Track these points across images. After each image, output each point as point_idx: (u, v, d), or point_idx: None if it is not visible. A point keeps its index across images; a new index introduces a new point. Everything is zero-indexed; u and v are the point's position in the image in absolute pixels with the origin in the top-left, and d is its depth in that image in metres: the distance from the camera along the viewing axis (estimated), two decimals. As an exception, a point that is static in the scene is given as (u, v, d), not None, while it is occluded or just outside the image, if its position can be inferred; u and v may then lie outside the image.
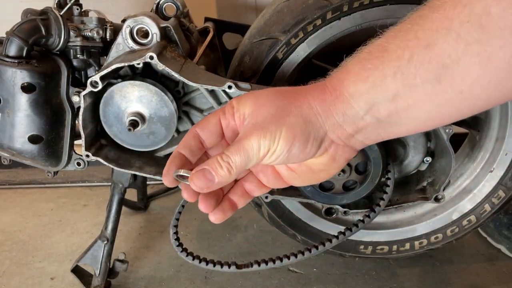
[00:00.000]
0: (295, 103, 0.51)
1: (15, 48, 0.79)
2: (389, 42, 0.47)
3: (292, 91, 0.54)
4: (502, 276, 1.05)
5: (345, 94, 0.49)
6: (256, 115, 0.52)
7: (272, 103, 0.52)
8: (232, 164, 0.51)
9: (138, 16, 0.82)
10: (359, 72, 0.49)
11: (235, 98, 0.56)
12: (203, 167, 0.52)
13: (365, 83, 0.48)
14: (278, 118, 0.50)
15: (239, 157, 0.50)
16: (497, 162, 0.95)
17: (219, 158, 0.51)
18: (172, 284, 1.07)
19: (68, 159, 0.89)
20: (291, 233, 1.03)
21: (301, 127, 0.50)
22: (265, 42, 0.89)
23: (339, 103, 0.50)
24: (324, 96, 0.51)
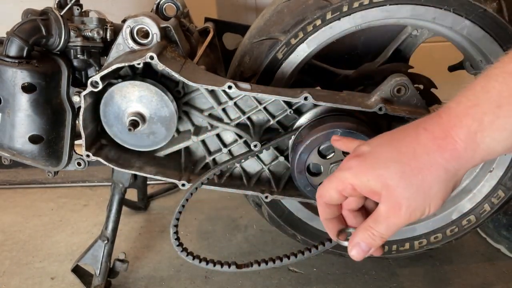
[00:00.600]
0: (431, 175, 0.50)
1: (16, 48, 0.79)
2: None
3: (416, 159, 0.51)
4: (501, 276, 1.05)
5: (482, 146, 0.47)
6: (395, 195, 0.51)
7: (407, 181, 0.51)
8: (385, 235, 0.55)
9: (139, 16, 0.82)
10: (493, 121, 0.46)
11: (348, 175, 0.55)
12: (358, 241, 0.56)
13: (502, 132, 0.46)
14: (423, 195, 0.51)
15: (390, 231, 0.54)
16: (497, 162, 0.95)
17: (370, 233, 0.55)
18: (172, 283, 1.07)
19: (68, 159, 0.90)
20: (291, 233, 1.03)
21: (446, 189, 0.51)
22: (265, 42, 0.89)
23: (477, 154, 0.48)
24: (459, 154, 0.48)
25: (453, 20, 0.84)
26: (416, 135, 0.52)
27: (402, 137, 0.53)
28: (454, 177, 0.50)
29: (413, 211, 0.51)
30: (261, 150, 0.83)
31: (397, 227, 0.53)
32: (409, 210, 0.51)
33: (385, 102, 0.80)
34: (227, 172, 0.93)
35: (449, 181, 0.50)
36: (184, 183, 0.88)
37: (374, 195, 0.53)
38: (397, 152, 0.52)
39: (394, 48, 1.01)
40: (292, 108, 0.86)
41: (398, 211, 0.52)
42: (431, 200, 0.51)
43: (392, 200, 0.52)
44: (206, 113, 0.89)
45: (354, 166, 0.55)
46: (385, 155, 0.53)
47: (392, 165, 0.52)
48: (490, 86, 0.46)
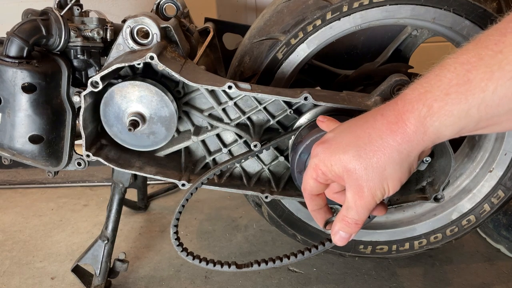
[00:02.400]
0: (384, 156, 0.54)
1: (16, 48, 0.80)
2: (472, 73, 0.47)
3: (372, 143, 0.55)
4: (501, 276, 1.05)
5: (431, 129, 0.51)
6: (355, 178, 0.56)
7: (363, 164, 0.55)
8: (358, 220, 0.60)
9: (139, 16, 0.82)
10: (442, 107, 0.49)
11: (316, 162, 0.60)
12: (337, 230, 0.62)
13: (450, 117, 0.49)
14: (379, 176, 0.56)
15: (361, 214, 0.59)
16: (497, 162, 0.95)
17: (345, 222, 0.61)
18: (172, 283, 1.07)
19: (68, 159, 0.90)
20: (291, 233, 1.03)
21: (400, 170, 0.55)
22: (265, 42, 0.89)
23: (427, 137, 0.52)
24: (409, 137, 0.52)
25: (453, 20, 0.84)
26: (373, 121, 0.56)
27: (361, 123, 0.58)
28: (407, 159, 0.54)
29: (374, 191, 0.57)
30: (261, 150, 0.83)
31: (365, 209, 0.58)
32: (370, 191, 0.57)
33: (385, 102, 0.80)
34: (227, 172, 0.93)
35: (402, 162, 0.55)
36: (184, 183, 0.88)
37: (340, 179, 0.59)
38: (355, 137, 0.57)
39: (394, 48, 1.01)
40: (292, 108, 0.86)
41: (362, 193, 0.57)
42: (387, 180, 0.56)
43: (354, 184, 0.57)
44: (206, 113, 0.89)
45: (320, 153, 0.60)
46: (345, 140, 0.58)
47: (350, 149, 0.57)
48: (442, 74, 0.49)
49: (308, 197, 0.67)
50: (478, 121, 0.48)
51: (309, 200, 0.67)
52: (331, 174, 0.59)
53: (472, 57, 0.48)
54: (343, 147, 0.58)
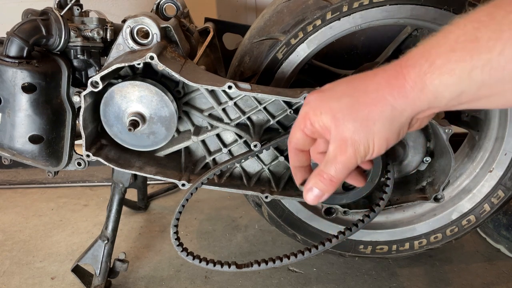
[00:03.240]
0: (377, 110, 0.52)
1: (16, 48, 0.80)
2: (480, 31, 0.44)
3: (367, 94, 0.53)
4: (501, 276, 1.05)
5: (430, 87, 0.48)
6: (342, 130, 0.54)
7: (354, 115, 0.53)
8: (334, 178, 0.57)
9: (139, 16, 0.82)
10: (444, 64, 0.47)
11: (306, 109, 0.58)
12: (311, 186, 0.60)
13: (451, 76, 0.46)
14: (366, 130, 0.53)
15: (339, 171, 0.56)
16: (497, 162, 0.95)
17: (320, 177, 0.58)
18: (172, 283, 1.07)
19: (68, 159, 0.90)
20: (291, 233, 1.03)
21: (389, 129, 0.53)
22: (265, 42, 0.89)
23: (424, 96, 0.49)
24: (406, 93, 0.50)
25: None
26: (373, 75, 0.54)
27: (361, 77, 0.55)
28: (400, 117, 0.52)
29: (357, 146, 0.54)
30: (261, 150, 0.83)
31: (345, 166, 0.55)
32: (353, 146, 0.54)
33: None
34: (227, 172, 0.93)
35: (393, 120, 0.52)
36: (184, 183, 0.88)
37: (327, 132, 0.56)
38: (352, 88, 0.55)
39: (394, 48, 1.01)
40: (292, 108, 0.86)
41: (344, 147, 0.54)
42: (374, 136, 0.53)
43: (339, 135, 0.54)
44: (206, 113, 0.89)
45: (312, 100, 0.58)
46: (341, 90, 0.56)
47: (344, 99, 0.54)
48: (450, 31, 0.47)
49: (292, 151, 0.64)
50: (480, 85, 0.46)
51: (293, 154, 0.65)
52: (319, 124, 0.56)
53: (483, 16, 0.45)
54: (337, 96, 0.55)
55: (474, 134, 1.02)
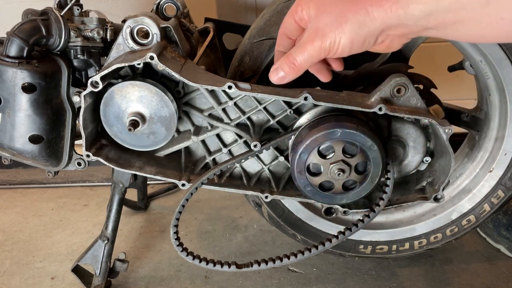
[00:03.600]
0: (353, 9, 0.55)
1: (16, 48, 0.80)
2: None
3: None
4: (501, 276, 1.05)
5: (402, 1, 0.52)
6: (318, 20, 0.59)
7: (332, 8, 0.57)
8: (297, 63, 0.62)
9: (139, 16, 0.82)
10: None
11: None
12: (277, 66, 0.65)
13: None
14: (337, 25, 0.57)
15: (303, 57, 0.61)
16: (497, 162, 0.95)
17: (287, 59, 0.63)
18: (172, 283, 1.07)
19: (68, 159, 0.90)
20: (291, 232, 1.03)
21: (357, 32, 0.56)
22: (265, 42, 0.89)
23: (396, 9, 0.52)
24: (382, 2, 0.53)
25: (453, 20, 0.84)
26: None
27: None
28: (369, 25, 0.55)
29: (325, 39, 0.58)
30: (261, 150, 0.83)
31: (309, 55, 0.60)
32: (322, 38, 0.58)
33: (385, 102, 0.80)
34: (227, 172, 0.93)
35: (363, 25, 0.55)
36: (184, 183, 0.88)
37: (308, 19, 0.61)
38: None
39: (394, 48, 1.01)
40: (292, 108, 0.86)
41: (315, 36, 0.58)
42: (342, 34, 0.57)
43: (315, 25, 0.59)
44: (206, 113, 0.89)
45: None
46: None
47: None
48: None
49: (280, 35, 0.68)
50: (447, 8, 0.49)
51: (280, 38, 0.68)
52: (306, 11, 0.60)
53: None
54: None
55: (474, 134, 1.02)
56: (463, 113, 1.02)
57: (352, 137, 0.79)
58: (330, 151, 0.81)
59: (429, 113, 0.82)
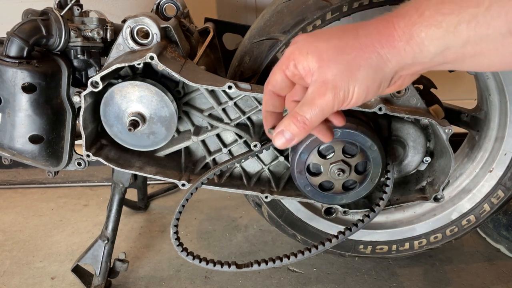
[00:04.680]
0: (364, 55, 0.51)
1: (16, 48, 0.80)
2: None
3: (356, 39, 0.52)
4: (501, 276, 1.05)
5: (416, 39, 0.48)
6: (324, 71, 0.52)
7: (339, 57, 0.52)
8: (307, 121, 0.55)
9: (139, 16, 0.82)
10: (433, 16, 0.47)
11: (292, 49, 0.56)
12: (281, 128, 0.56)
13: (438, 29, 0.47)
14: (349, 74, 0.51)
15: (314, 114, 0.54)
16: (497, 162, 0.95)
17: (294, 119, 0.55)
18: (172, 283, 1.07)
19: (68, 159, 0.90)
20: (291, 233, 1.03)
21: (372, 78, 0.52)
22: (265, 42, 0.89)
23: (410, 47, 0.49)
24: (393, 42, 0.50)
25: (452, 20, 0.84)
26: (365, 24, 0.53)
27: (355, 24, 0.54)
28: (384, 68, 0.51)
29: (337, 91, 0.52)
30: (261, 150, 0.84)
31: (320, 110, 0.53)
32: (334, 90, 0.52)
33: (384, 102, 0.80)
34: (227, 172, 0.93)
35: (377, 70, 0.51)
36: (184, 183, 0.88)
37: (308, 74, 0.54)
38: (342, 32, 0.54)
39: (394, 48, 1.01)
40: (292, 108, 0.86)
41: (324, 89, 0.52)
42: (356, 82, 0.52)
43: (321, 77, 0.52)
44: (206, 113, 0.89)
45: (300, 40, 0.56)
46: (331, 32, 0.55)
47: (332, 40, 0.53)
48: None
49: (268, 93, 0.61)
50: (465, 41, 0.46)
51: (268, 96, 0.61)
52: (303, 65, 0.54)
53: None
54: (326, 38, 0.54)
55: (474, 134, 1.02)
56: (463, 113, 1.02)
57: (352, 137, 0.79)
58: (330, 151, 0.81)
59: (429, 113, 0.82)
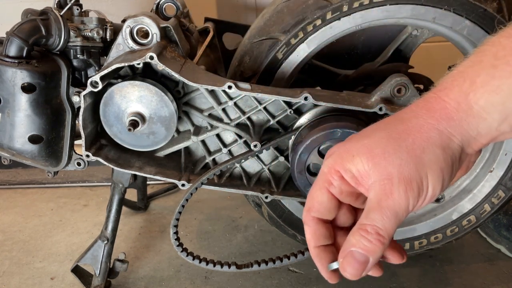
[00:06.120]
0: (422, 136, 0.43)
1: (15, 48, 0.79)
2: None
3: (403, 123, 0.44)
4: (501, 276, 1.05)
5: (475, 108, 0.42)
6: (384, 166, 0.43)
7: (395, 146, 0.43)
8: (382, 231, 0.43)
9: (138, 16, 0.82)
10: (487, 82, 0.41)
11: (331, 162, 0.46)
12: (349, 249, 0.44)
13: (497, 94, 0.41)
14: (415, 160, 0.42)
15: (387, 220, 0.43)
16: (497, 162, 0.95)
17: (363, 232, 0.43)
18: (172, 284, 1.07)
19: (68, 159, 0.89)
20: (291, 233, 1.03)
21: (443, 158, 0.43)
22: (265, 42, 0.89)
23: (471, 118, 0.42)
24: (450, 114, 0.43)
25: (453, 20, 0.84)
26: (405, 109, 0.47)
27: (393, 115, 0.48)
28: (450, 144, 0.43)
29: (408, 182, 0.42)
30: (261, 150, 0.83)
31: (393, 213, 0.42)
32: (403, 183, 0.42)
33: (385, 102, 0.80)
34: (227, 172, 0.93)
35: (445, 147, 0.43)
36: (184, 183, 0.88)
37: (364, 177, 0.44)
38: (384, 123, 0.46)
39: (394, 48, 1.01)
40: (292, 108, 0.85)
41: (390, 186, 0.42)
42: (427, 169, 0.42)
43: (381, 174, 0.43)
44: (206, 113, 0.89)
45: (336, 150, 0.47)
46: (371, 128, 0.47)
47: (376, 133, 0.45)
48: (484, 51, 0.42)
49: (311, 223, 0.48)
50: None
51: (314, 227, 0.48)
52: (351, 173, 0.44)
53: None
54: (367, 134, 0.45)
55: (474, 134, 1.02)
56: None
57: None
58: (330, 151, 0.81)
59: None
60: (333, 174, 0.46)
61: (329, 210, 0.48)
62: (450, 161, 0.43)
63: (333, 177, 0.46)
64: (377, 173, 0.43)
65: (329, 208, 0.48)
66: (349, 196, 0.47)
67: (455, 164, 0.44)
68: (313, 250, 0.49)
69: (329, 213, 0.48)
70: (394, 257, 0.49)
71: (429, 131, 0.43)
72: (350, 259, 0.44)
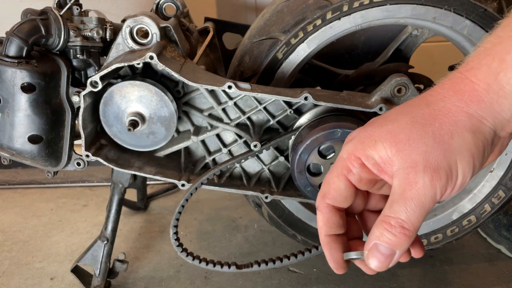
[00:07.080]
0: (449, 120, 0.40)
1: (15, 48, 0.79)
2: None
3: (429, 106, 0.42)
4: (502, 276, 1.05)
5: (507, 88, 0.39)
6: (408, 153, 0.40)
7: (421, 131, 0.40)
8: (407, 224, 0.40)
9: (138, 16, 0.82)
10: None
11: (351, 147, 0.44)
12: (373, 242, 0.42)
13: None
14: (443, 146, 0.39)
15: (412, 212, 0.40)
16: (497, 162, 0.95)
17: (386, 225, 0.41)
18: (172, 284, 1.07)
19: (68, 159, 0.89)
20: (291, 233, 1.03)
21: (474, 142, 0.40)
22: (265, 42, 0.89)
23: (502, 99, 0.39)
24: (480, 96, 0.40)
25: (453, 20, 0.84)
26: (431, 90, 0.43)
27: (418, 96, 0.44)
28: (481, 127, 0.40)
29: (435, 170, 0.39)
30: (261, 150, 0.83)
31: (419, 204, 0.40)
32: (429, 171, 0.39)
33: (385, 102, 0.80)
34: (227, 172, 0.93)
35: (476, 131, 0.40)
36: (183, 183, 0.88)
37: (386, 167, 0.41)
38: (408, 106, 0.43)
39: (394, 48, 1.01)
40: (292, 108, 0.85)
41: (414, 175, 0.39)
42: (456, 155, 0.39)
43: (405, 162, 0.40)
44: (206, 113, 0.89)
45: (357, 135, 0.44)
46: (394, 112, 0.44)
47: (400, 118, 0.42)
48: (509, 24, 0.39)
49: (326, 210, 0.46)
50: None
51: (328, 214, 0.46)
52: (373, 159, 0.42)
53: None
54: (391, 118, 0.43)
55: (474, 134, 1.02)
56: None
57: None
58: (331, 151, 0.81)
59: None
60: (353, 161, 0.43)
61: (346, 198, 0.46)
62: (482, 146, 0.41)
63: (353, 164, 0.44)
64: (401, 160, 0.40)
65: (345, 196, 0.46)
66: (367, 184, 0.45)
67: (487, 148, 0.41)
68: (323, 238, 0.47)
69: (345, 201, 0.46)
70: (415, 251, 0.48)
71: (458, 114, 0.40)
72: (375, 252, 0.42)
